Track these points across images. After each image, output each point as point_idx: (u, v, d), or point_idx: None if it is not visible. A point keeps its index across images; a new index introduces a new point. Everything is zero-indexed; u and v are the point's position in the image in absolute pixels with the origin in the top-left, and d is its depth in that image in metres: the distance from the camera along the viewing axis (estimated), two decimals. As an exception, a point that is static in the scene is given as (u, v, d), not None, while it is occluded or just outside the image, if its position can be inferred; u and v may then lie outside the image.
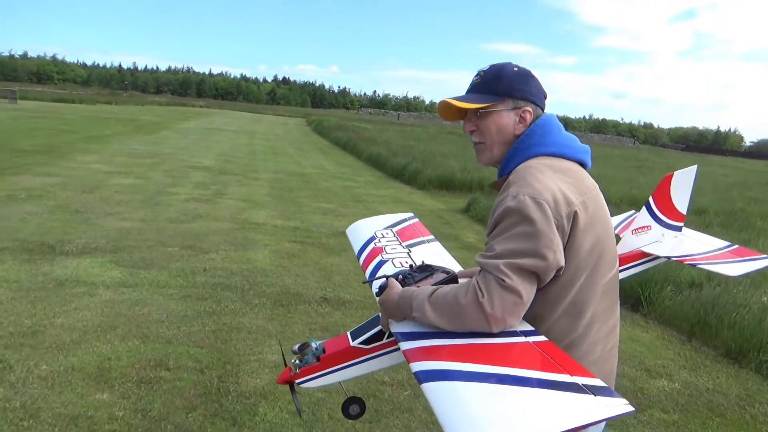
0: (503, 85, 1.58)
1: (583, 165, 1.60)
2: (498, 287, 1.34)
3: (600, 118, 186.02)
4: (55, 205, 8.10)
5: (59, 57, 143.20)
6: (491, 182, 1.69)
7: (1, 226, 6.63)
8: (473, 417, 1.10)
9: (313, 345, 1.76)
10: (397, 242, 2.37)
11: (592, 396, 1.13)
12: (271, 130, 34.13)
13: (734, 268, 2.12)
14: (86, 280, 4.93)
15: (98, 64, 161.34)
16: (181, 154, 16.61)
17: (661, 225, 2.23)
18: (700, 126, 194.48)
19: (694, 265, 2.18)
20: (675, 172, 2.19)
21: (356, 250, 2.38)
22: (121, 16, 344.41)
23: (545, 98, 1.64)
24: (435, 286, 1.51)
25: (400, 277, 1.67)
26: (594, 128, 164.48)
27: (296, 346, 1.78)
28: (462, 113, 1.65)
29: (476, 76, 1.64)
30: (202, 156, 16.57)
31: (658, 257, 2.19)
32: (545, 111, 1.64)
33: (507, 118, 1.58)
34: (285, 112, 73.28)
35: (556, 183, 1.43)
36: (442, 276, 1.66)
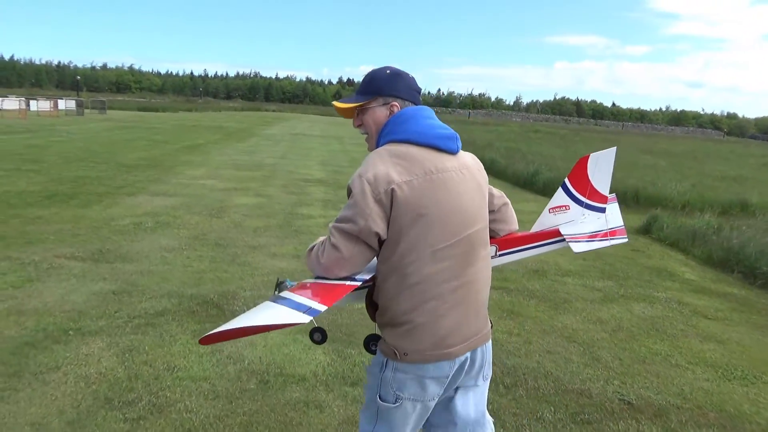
0: (374, 85, 1.82)
1: (444, 150, 1.74)
2: (328, 244, 1.69)
3: (678, 109, 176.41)
4: (189, 236, 6.88)
5: (135, 67, 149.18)
6: None
7: (144, 270, 5.39)
8: (240, 318, 1.56)
9: (287, 283, 1.89)
10: None
11: (298, 313, 1.51)
12: (355, 134, 32.81)
13: (581, 246, 2.12)
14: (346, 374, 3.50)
15: (171, 72, 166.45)
16: (284, 164, 15.47)
17: (581, 205, 2.17)
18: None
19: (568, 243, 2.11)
20: (591, 154, 2.15)
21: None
22: (190, 26, 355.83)
23: (419, 93, 1.86)
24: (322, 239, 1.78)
25: None
26: (673, 121, 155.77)
27: (277, 280, 1.97)
28: (352, 112, 1.88)
29: (362, 79, 1.90)
30: (307, 166, 15.35)
31: (564, 239, 2.12)
32: (418, 103, 1.84)
33: (380, 113, 1.80)
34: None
35: (386, 165, 1.65)
36: None
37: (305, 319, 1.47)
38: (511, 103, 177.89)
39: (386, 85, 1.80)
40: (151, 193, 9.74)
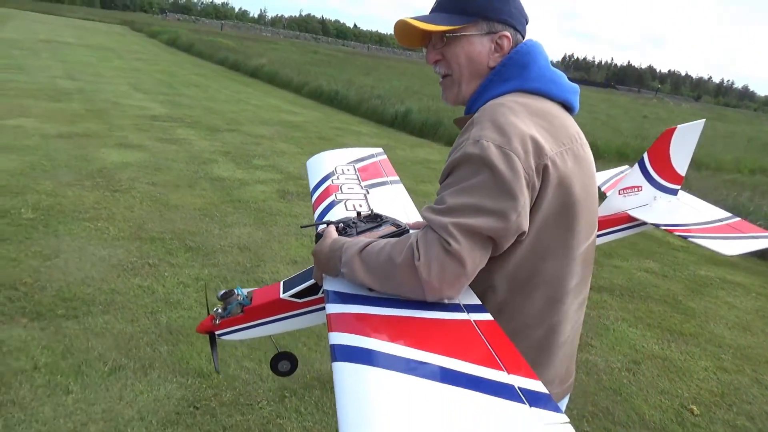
0: (477, 3, 1.24)
1: (569, 108, 1.30)
2: (440, 251, 1.08)
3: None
4: (122, 235, 4.41)
5: None
6: (456, 118, 1.34)
7: (135, 335, 3.11)
8: (375, 418, 0.84)
9: (239, 293, 1.52)
10: (356, 181, 2.09)
11: (527, 406, 0.86)
12: (124, 46, 27.07)
13: (731, 247, 1.86)
14: None
15: None
16: (92, 90, 11.68)
17: (654, 186, 1.98)
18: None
19: (685, 237, 1.93)
20: (678, 126, 1.90)
21: (311, 187, 2.10)
22: None
23: (527, 23, 1.32)
24: (368, 239, 1.22)
25: (341, 225, 1.36)
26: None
27: (221, 293, 1.53)
28: (426, 39, 1.30)
29: None
30: (128, 95, 11.87)
31: (645, 223, 1.94)
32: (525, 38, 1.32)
33: (480, 46, 1.26)
34: (89, 15, 60.21)
35: (529, 127, 1.14)
36: (390, 229, 1.36)
37: (567, 427, 0.83)
38: (257, 16, 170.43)
39: (495, 3, 1.25)
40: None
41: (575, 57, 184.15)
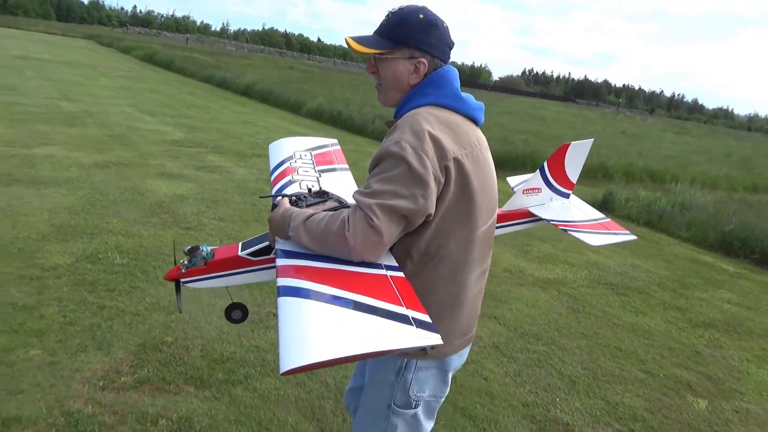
0: (402, 33, 1.56)
1: (474, 121, 1.62)
2: (365, 225, 1.38)
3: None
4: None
5: None
6: (387, 121, 1.68)
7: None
8: (303, 331, 1.16)
9: (203, 249, 1.80)
10: (311, 166, 2.37)
11: (413, 327, 1.21)
12: (101, 62, 26.22)
13: (594, 239, 2.22)
14: None
15: None
16: (99, 113, 11.26)
17: (551, 189, 2.32)
18: (458, 61, 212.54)
19: (565, 231, 2.27)
20: (572, 143, 2.27)
21: (271, 167, 2.38)
22: None
23: (450, 49, 1.63)
24: (313, 211, 1.52)
25: (294, 198, 1.66)
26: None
27: (187, 248, 1.81)
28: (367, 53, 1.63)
29: (386, 16, 1.61)
30: (138, 118, 11.48)
31: (540, 219, 2.28)
32: (448, 62, 1.64)
33: (402, 67, 1.58)
34: (50, 29, 58.29)
35: (438, 134, 1.46)
36: (333, 204, 1.65)
37: (438, 340, 1.21)
38: (219, 29, 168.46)
39: (418, 35, 1.56)
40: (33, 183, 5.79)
41: (534, 71, 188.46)
